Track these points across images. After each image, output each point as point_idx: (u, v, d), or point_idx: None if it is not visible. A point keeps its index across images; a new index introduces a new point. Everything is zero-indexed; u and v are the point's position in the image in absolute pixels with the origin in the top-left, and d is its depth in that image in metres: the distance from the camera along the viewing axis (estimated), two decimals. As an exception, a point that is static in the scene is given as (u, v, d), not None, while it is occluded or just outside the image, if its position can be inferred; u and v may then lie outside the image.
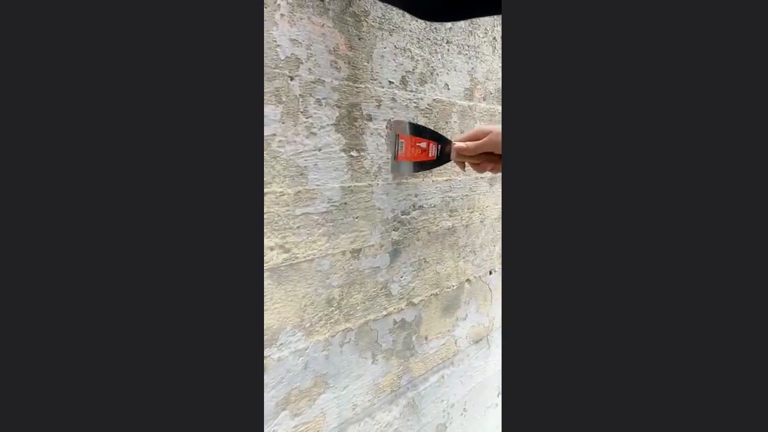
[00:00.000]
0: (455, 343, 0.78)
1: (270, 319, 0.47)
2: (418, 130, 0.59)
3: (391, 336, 0.64)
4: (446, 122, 0.69)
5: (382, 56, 0.57)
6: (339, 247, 0.54)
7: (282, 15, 0.44)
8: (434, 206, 0.69)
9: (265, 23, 0.43)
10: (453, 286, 0.75)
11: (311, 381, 0.52)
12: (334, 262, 0.53)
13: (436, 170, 0.68)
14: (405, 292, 0.65)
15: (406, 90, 0.61)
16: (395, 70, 0.59)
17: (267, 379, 0.47)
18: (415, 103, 0.63)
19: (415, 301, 0.68)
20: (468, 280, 0.79)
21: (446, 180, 0.71)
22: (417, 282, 0.67)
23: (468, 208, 0.76)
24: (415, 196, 0.65)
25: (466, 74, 0.72)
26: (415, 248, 0.66)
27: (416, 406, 0.71)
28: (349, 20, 0.51)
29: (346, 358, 0.57)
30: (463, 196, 0.75)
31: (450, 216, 0.72)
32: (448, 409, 0.78)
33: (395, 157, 0.58)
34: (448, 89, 0.69)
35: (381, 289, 0.61)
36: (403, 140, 0.58)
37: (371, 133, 0.56)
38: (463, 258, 0.76)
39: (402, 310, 0.65)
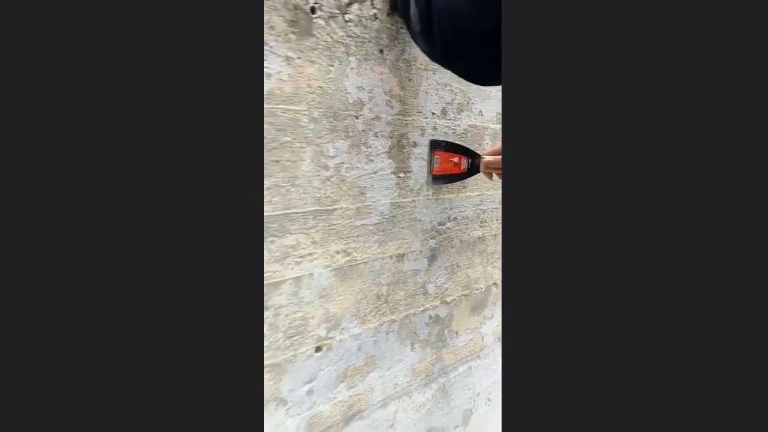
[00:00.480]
0: (482, 339, 0.88)
1: (334, 308, 0.58)
2: (450, 147, 0.70)
3: (427, 328, 0.74)
4: (479, 144, 0.79)
5: (427, 92, 0.67)
6: (387, 252, 0.65)
7: (352, 68, 0.55)
8: (467, 218, 0.79)
9: (339, 76, 0.54)
10: (481, 288, 0.85)
11: (363, 360, 0.64)
12: (383, 264, 0.65)
13: (469, 185, 0.79)
14: (439, 291, 0.76)
15: (446, 119, 0.72)
16: (437, 103, 0.69)
17: (331, 355, 0.59)
18: (453, 129, 0.73)
19: (448, 299, 0.78)
20: (495, 284, 0.88)
21: (478, 195, 0.81)
22: (450, 283, 0.78)
23: (497, 219, 0.86)
24: (451, 209, 0.76)
25: (498, 100, 0.82)
26: (449, 254, 0.76)
27: (446, 391, 0.81)
28: (401, 66, 0.62)
29: (390, 345, 0.68)
30: (493, 209, 0.84)
31: (480, 226, 0.82)
32: (474, 397, 0.88)
33: (431, 171, 0.69)
34: (482, 115, 0.79)
35: (420, 288, 0.72)
36: (438, 156, 0.69)
37: (415, 158, 0.67)
38: (491, 264, 0.86)
39: (437, 307, 0.76)
